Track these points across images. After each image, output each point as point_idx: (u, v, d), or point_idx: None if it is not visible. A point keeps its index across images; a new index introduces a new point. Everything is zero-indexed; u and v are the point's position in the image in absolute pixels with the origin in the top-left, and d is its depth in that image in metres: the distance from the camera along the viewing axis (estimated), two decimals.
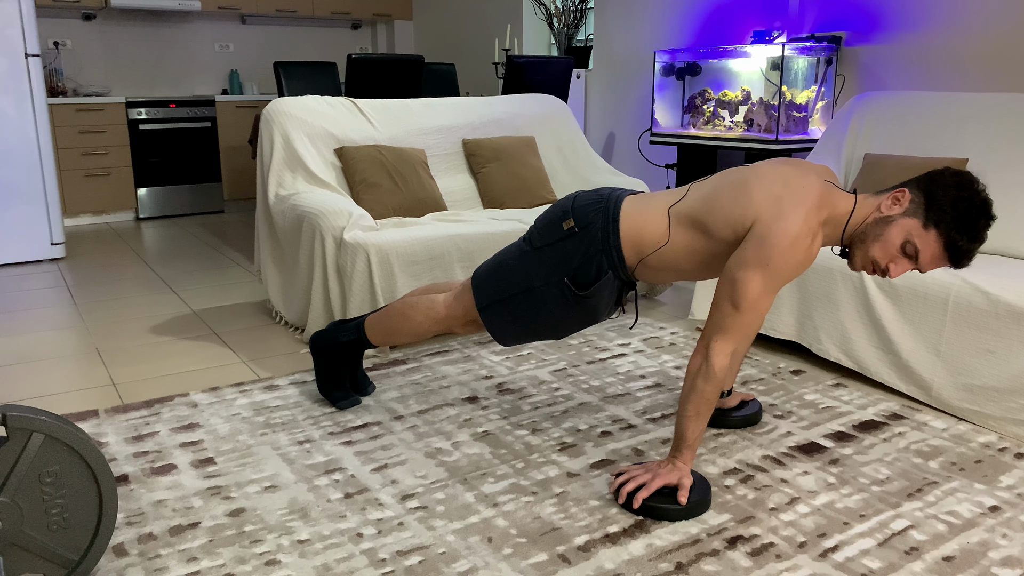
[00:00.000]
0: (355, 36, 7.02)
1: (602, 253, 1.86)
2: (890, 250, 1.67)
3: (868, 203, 1.73)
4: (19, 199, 4.23)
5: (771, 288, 1.67)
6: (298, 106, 3.23)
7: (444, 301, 2.11)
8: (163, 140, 5.69)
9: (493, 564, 1.55)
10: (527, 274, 1.93)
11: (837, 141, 3.20)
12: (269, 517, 1.71)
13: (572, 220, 1.89)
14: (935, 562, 1.55)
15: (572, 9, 5.30)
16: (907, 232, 1.65)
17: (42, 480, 1.37)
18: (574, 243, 1.88)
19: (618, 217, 1.86)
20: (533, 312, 1.95)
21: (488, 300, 1.99)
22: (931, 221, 1.63)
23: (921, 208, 1.64)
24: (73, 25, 5.77)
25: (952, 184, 1.63)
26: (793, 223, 1.65)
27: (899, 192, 1.68)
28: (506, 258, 1.99)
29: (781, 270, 1.66)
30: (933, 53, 3.35)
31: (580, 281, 1.88)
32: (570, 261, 1.88)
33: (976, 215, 1.61)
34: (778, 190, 1.70)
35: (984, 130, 2.75)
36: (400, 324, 2.16)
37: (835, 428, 2.16)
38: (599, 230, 1.86)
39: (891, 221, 1.67)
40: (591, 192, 1.95)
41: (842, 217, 1.73)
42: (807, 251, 1.67)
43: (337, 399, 2.29)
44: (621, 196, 1.91)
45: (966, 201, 1.61)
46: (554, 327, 1.97)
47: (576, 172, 3.74)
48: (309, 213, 2.80)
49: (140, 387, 2.50)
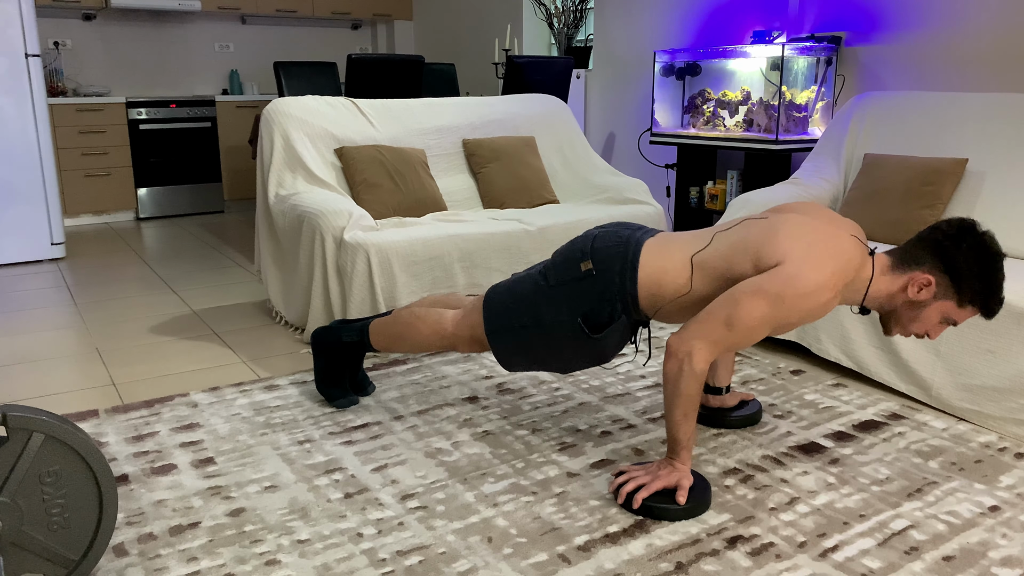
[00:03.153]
0: (355, 36, 7.02)
1: (618, 298, 1.84)
2: (929, 326, 1.76)
3: (889, 277, 1.75)
4: (19, 199, 4.24)
5: (771, 323, 1.65)
6: (298, 106, 3.23)
7: (452, 318, 2.08)
8: (163, 140, 5.69)
9: (493, 564, 1.55)
10: (540, 308, 1.91)
11: (837, 141, 3.20)
12: (269, 517, 1.72)
13: (590, 262, 1.86)
14: (935, 562, 1.55)
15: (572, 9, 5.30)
16: (943, 313, 1.73)
17: (42, 480, 1.37)
18: (590, 285, 1.86)
19: (637, 264, 1.83)
20: (542, 346, 1.93)
21: (497, 326, 1.97)
22: (965, 300, 1.70)
23: (951, 290, 1.70)
24: (73, 25, 5.77)
25: (972, 257, 1.67)
26: (821, 274, 1.64)
27: (923, 279, 1.71)
28: (521, 288, 1.96)
29: (790, 312, 1.64)
30: (933, 53, 3.35)
31: (593, 322, 1.87)
32: (584, 303, 1.86)
33: (1001, 279, 1.68)
34: (812, 239, 1.69)
35: (984, 130, 2.75)
36: (405, 333, 2.14)
37: (835, 428, 2.16)
38: (616, 275, 1.84)
39: (924, 305, 1.74)
40: (611, 232, 1.91)
41: (863, 283, 1.75)
42: (822, 305, 1.66)
43: (334, 397, 2.29)
44: (641, 240, 1.87)
45: (991, 274, 1.67)
46: (562, 362, 1.96)
47: (576, 172, 3.74)
48: (309, 213, 2.80)
49: (140, 387, 2.50)
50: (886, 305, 1.78)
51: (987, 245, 1.67)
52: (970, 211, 2.68)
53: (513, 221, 3.06)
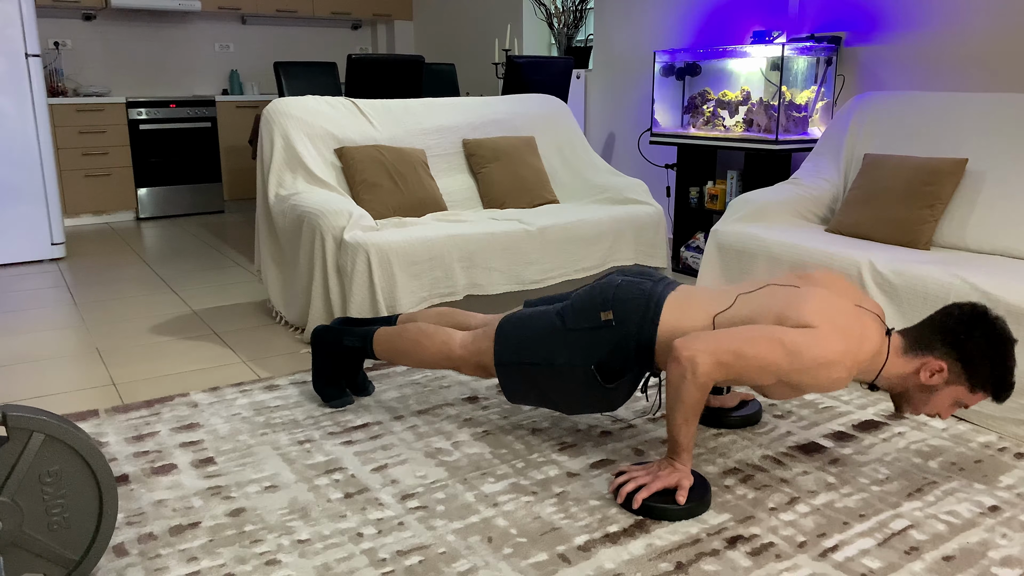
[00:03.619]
0: (355, 36, 7.02)
1: (634, 351, 1.84)
2: (939, 408, 1.78)
3: (903, 360, 1.76)
4: (19, 199, 4.24)
5: (777, 375, 1.65)
6: (298, 106, 3.23)
7: (461, 341, 2.06)
8: (163, 140, 5.69)
9: (493, 564, 1.55)
10: (553, 349, 1.90)
11: (837, 141, 3.20)
12: (269, 517, 1.72)
13: (611, 313, 1.86)
14: (935, 562, 1.55)
15: (572, 9, 5.30)
16: (955, 397, 1.75)
17: (42, 480, 1.37)
18: (608, 334, 1.86)
19: (658, 319, 1.83)
20: (551, 386, 1.93)
21: (507, 358, 1.96)
22: (977, 387, 1.72)
23: (963, 376, 1.72)
24: (73, 25, 5.77)
25: (984, 345, 1.69)
26: (843, 351, 1.64)
27: (936, 365, 1.72)
28: (536, 325, 1.95)
29: (801, 373, 1.64)
30: (933, 53, 3.35)
31: (606, 371, 1.87)
32: (599, 350, 1.86)
33: (1012, 366, 1.70)
34: (842, 320, 1.68)
35: (984, 130, 2.75)
36: (411, 349, 2.12)
37: (835, 428, 2.16)
38: (635, 327, 1.83)
39: (936, 390, 1.75)
40: (634, 283, 1.90)
41: (878, 364, 1.76)
42: (834, 380, 1.67)
43: (330, 397, 2.29)
44: (663, 295, 1.86)
45: (1002, 362, 1.69)
46: (568, 405, 1.96)
47: (576, 172, 3.74)
48: (309, 213, 2.80)
49: (140, 387, 2.50)
50: (898, 386, 1.79)
51: (999, 333, 1.69)
52: (970, 211, 2.68)
53: (513, 221, 3.06)
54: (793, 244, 2.72)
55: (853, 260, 2.51)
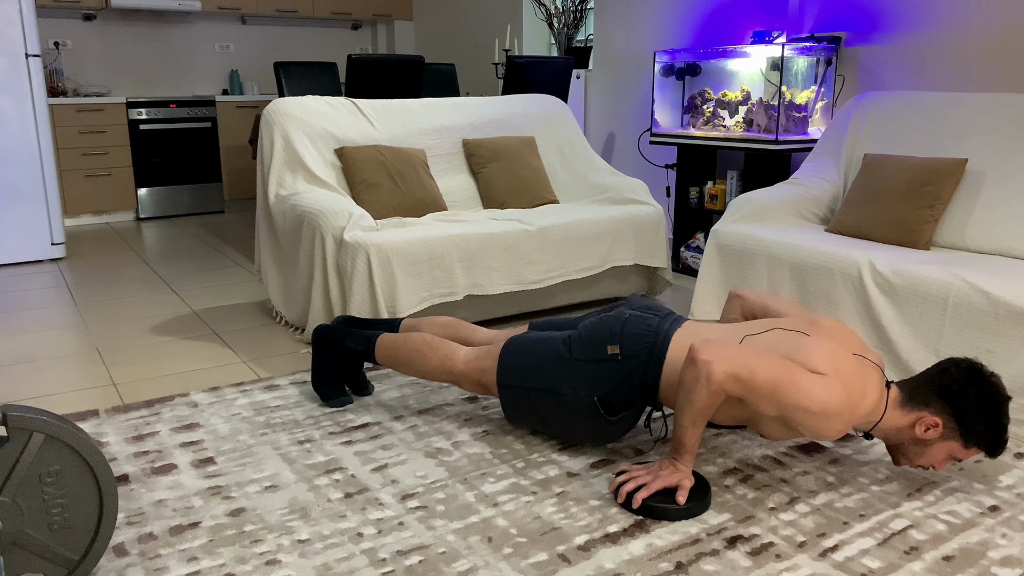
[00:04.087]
0: (355, 36, 7.02)
1: (639, 388, 1.86)
2: (934, 462, 1.79)
3: (899, 413, 1.77)
4: (19, 199, 4.24)
5: (779, 407, 1.65)
6: (298, 106, 3.23)
7: (464, 358, 2.07)
8: (163, 140, 5.69)
9: (493, 564, 1.55)
10: (558, 378, 1.92)
11: (837, 141, 3.20)
12: (269, 517, 1.72)
13: (617, 347, 1.87)
14: (935, 562, 1.55)
15: (572, 9, 5.30)
16: (949, 452, 1.77)
17: (42, 480, 1.37)
18: (613, 369, 1.87)
19: (664, 357, 1.84)
20: (552, 413, 1.95)
21: (511, 381, 1.98)
22: (972, 443, 1.73)
23: (957, 432, 1.73)
24: (73, 25, 5.77)
25: (979, 404, 1.70)
26: (845, 408, 1.65)
27: (931, 421, 1.73)
28: (542, 351, 1.96)
29: (801, 414, 1.64)
30: (933, 53, 3.35)
31: (609, 405, 1.88)
32: (605, 383, 1.87)
33: (1006, 423, 1.71)
34: (848, 377, 1.69)
35: (984, 130, 2.75)
36: (413, 360, 2.12)
37: None
38: (642, 364, 1.85)
39: (931, 444, 1.76)
40: (641, 319, 1.90)
41: (876, 417, 1.77)
42: (830, 429, 1.67)
43: (328, 396, 2.29)
44: (670, 332, 1.87)
45: (997, 419, 1.70)
46: (568, 432, 1.98)
47: (576, 172, 3.74)
48: (309, 213, 2.80)
49: (140, 387, 2.51)
50: (893, 438, 1.81)
51: (994, 393, 1.71)
52: (970, 211, 2.68)
53: (513, 221, 3.06)
54: (793, 244, 2.72)
55: (853, 260, 2.51)
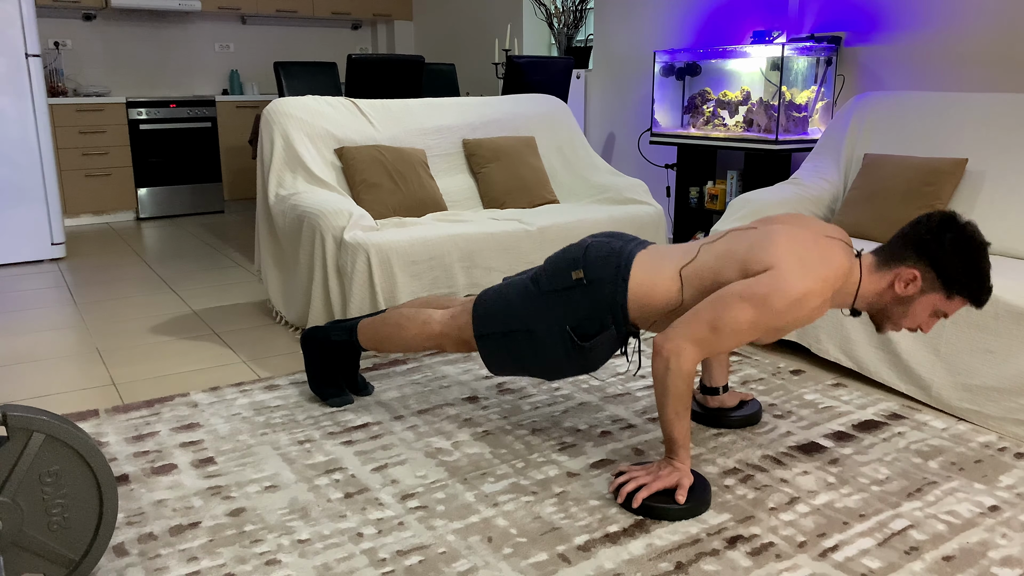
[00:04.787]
0: (355, 36, 7.02)
1: (608, 310, 1.85)
2: (919, 320, 1.77)
3: (876, 276, 1.76)
4: (19, 199, 4.24)
5: (759, 328, 1.66)
6: (298, 106, 3.23)
7: (440, 319, 2.09)
8: (163, 140, 5.69)
9: (493, 564, 1.55)
10: (530, 315, 1.92)
11: (837, 141, 3.20)
12: (269, 517, 1.72)
13: (582, 271, 1.87)
14: (935, 562, 1.55)
15: (572, 9, 5.30)
16: (932, 305, 1.74)
17: (42, 480, 1.37)
18: (581, 295, 1.87)
19: (628, 275, 1.84)
20: (530, 353, 1.94)
21: (486, 330, 1.98)
22: (954, 292, 1.71)
23: (937, 283, 1.71)
24: (73, 25, 5.77)
25: (955, 248, 1.68)
26: (811, 282, 1.65)
27: (909, 274, 1.71)
28: (511, 293, 1.97)
29: (778, 318, 1.65)
30: (933, 53, 3.35)
31: (582, 332, 1.88)
32: (575, 312, 1.87)
33: (986, 267, 1.68)
34: (802, 251, 1.69)
35: (984, 130, 2.75)
36: (393, 334, 2.15)
37: (835, 428, 2.16)
38: (607, 286, 1.85)
39: (913, 300, 1.74)
40: (604, 242, 1.92)
41: (853, 286, 1.76)
42: (811, 311, 1.67)
43: (328, 396, 2.29)
44: (633, 252, 1.88)
45: (975, 262, 1.68)
46: (548, 370, 1.97)
47: (576, 172, 3.74)
48: (309, 213, 2.80)
49: (140, 387, 2.51)
50: (875, 304, 1.79)
51: (969, 235, 1.68)
52: (970, 211, 2.68)
53: (513, 221, 3.06)
54: None
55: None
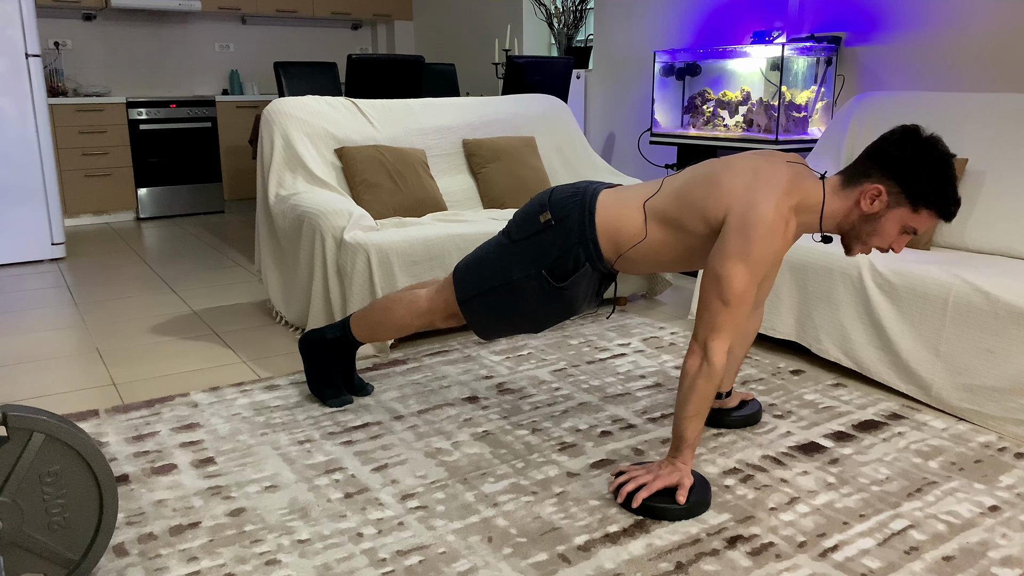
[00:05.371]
0: (355, 36, 7.02)
1: (579, 245, 1.88)
2: (888, 238, 1.74)
3: (841, 196, 1.75)
4: (19, 199, 4.24)
5: (755, 278, 1.69)
6: (298, 106, 3.23)
7: (426, 295, 2.14)
8: (163, 140, 5.69)
9: (493, 564, 1.55)
10: (506, 267, 1.95)
11: (837, 141, 3.20)
12: (269, 517, 1.72)
13: (549, 213, 1.91)
14: (935, 562, 1.55)
15: (572, 9, 5.30)
16: (900, 221, 1.71)
17: (42, 480, 1.37)
18: (551, 235, 1.90)
19: (594, 209, 1.88)
20: (512, 305, 1.97)
21: (468, 294, 2.01)
22: (920, 204, 1.68)
23: (903, 196, 1.69)
24: (73, 25, 5.77)
25: (919, 159, 1.66)
26: (766, 211, 1.67)
27: (873, 189, 1.70)
28: (485, 252, 2.01)
29: (762, 259, 1.67)
30: (933, 53, 3.35)
31: (558, 273, 1.90)
32: (548, 254, 1.90)
33: (952, 177, 1.66)
34: (748, 179, 1.73)
35: (984, 130, 2.75)
36: (382, 318, 2.18)
37: (835, 428, 2.16)
38: (575, 222, 1.88)
39: (879, 217, 1.72)
40: (568, 185, 1.97)
41: (815, 206, 1.75)
42: (783, 236, 1.69)
43: (327, 397, 2.29)
44: (598, 189, 1.93)
45: (940, 172, 1.66)
46: (533, 320, 1.99)
47: (576, 172, 3.74)
48: (309, 213, 2.80)
49: (140, 387, 2.51)
50: (844, 225, 1.78)
51: (932, 146, 1.67)
52: (970, 211, 2.68)
53: None
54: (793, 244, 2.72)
55: (853, 260, 2.51)
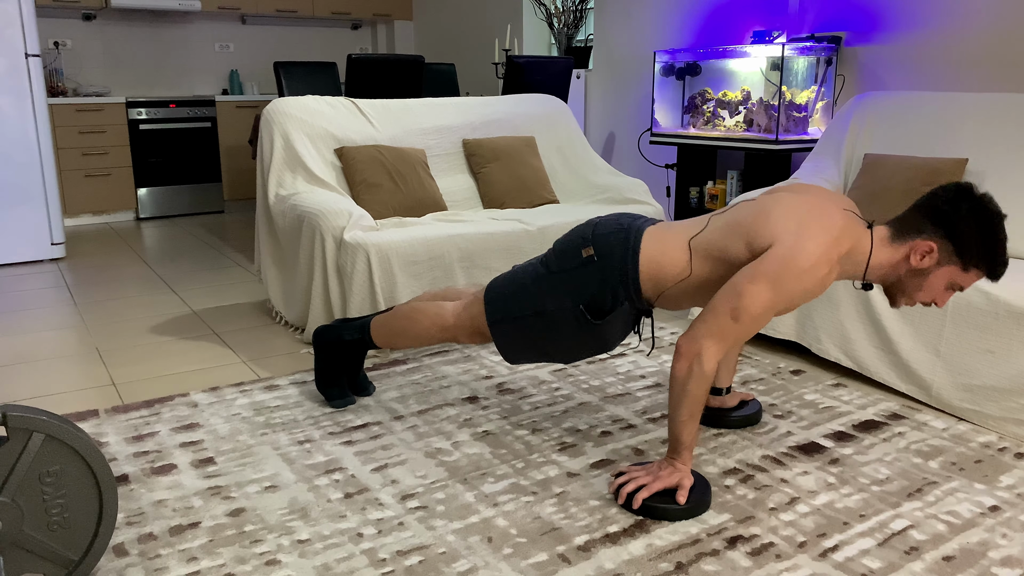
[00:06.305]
0: (355, 36, 7.02)
1: (620, 284, 1.85)
2: (934, 294, 1.75)
3: (890, 248, 1.74)
4: (19, 199, 4.23)
5: (776, 307, 1.66)
6: (298, 106, 3.23)
7: (453, 310, 2.08)
8: (163, 140, 5.69)
9: (493, 564, 1.55)
10: (542, 297, 1.91)
11: (837, 141, 3.20)
12: (269, 517, 1.72)
13: (591, 248, 1.87)
14: (935, 562, 1.55)
15: (572, 9, 5.30)
16: (949, 278, 1.72)
17: (42, 480, 1.37)
18: (592, 271, 1.87)
19: (639, 249, 1.84)
20: (544, 335, 1.93)
21: (499, 316, 1.97)
22: (970, 264, 1.69)
23: (954, 255, 1.69)
24: (73, 25, 5.77)
25: (972, 219, 1.66)
26: (814, 249, 1.64)
27: (925, 246, 1.69)
28: (522, 277, 1.96)
29: (791, 292, 1.64)
30: (933, 53, 3.35)
31: (595, 309, 1.87)
32: (586, 289, 1.87)
33: (1003, 238, 1.67)
34: (801, 215, 1.69)
35: (984, 130, 2.75)
36: (406, 327, 2.14)
37: (835, 428, 2.16)
38: (618, 260, 1.84)
39: (928, 273, 1.72)
40: (612, 219, 1.92)
41: (862, 255, 1.74)
42: (821, 280, 1.66)
43: (332, 397, 2.29)
44: (642, 227, 1.88)
45: (992, 234, 1.66)
46: (564, 352, 1.96)
47: (576, 172, 3.74)
48: (309, 213, 2.80)
49: (140, 387, 2.50)
50: (890, 276, 1.77)
51: (986, 207, 1.66)
52: None
53: (513, 221, 3.06)
54: None
55: None
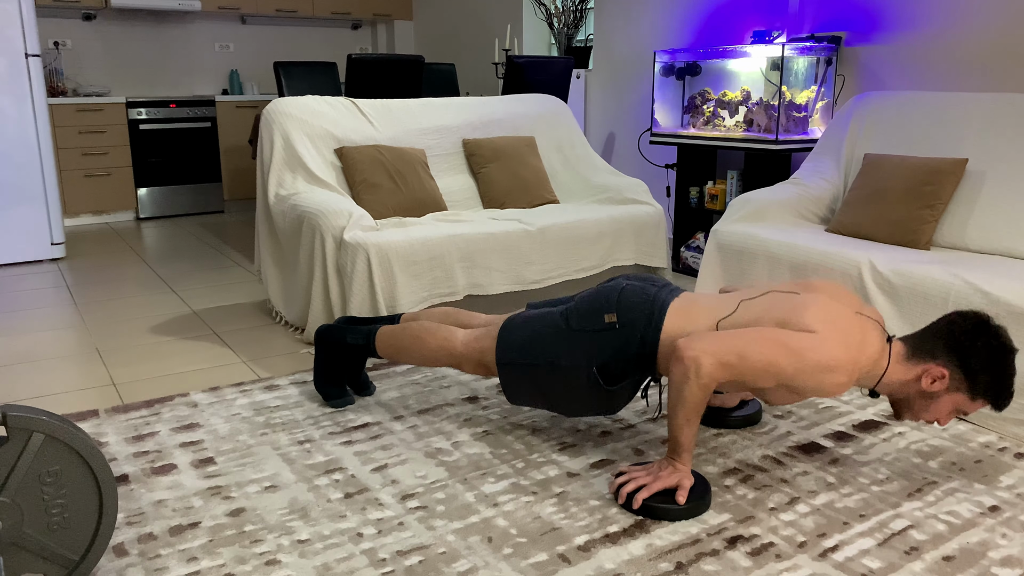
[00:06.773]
0: (355, 36, 7.02)
1: (637, 356, 1.85)
2: (939, 415, 1.78)
3: (904, 366, 1.76)
4: (19, 199, 4.23)
5: (779, 377, 1.66)
6: (298, 106, 3.23)
7: (463, 338, 2.07)
8: (163, 140, 5.69)
9: (493, 564, 1.55)
10: (556, 350, 1.91)
11: (837, 141, 3.20)
12: (269, 517, 1.72)
13: (615, 316, 1.87)
14: (935, 562, 1.55)
15: (572, 9, 5.30)
16: (956, 405, 1.76)
17: (42, 480, 1.37)
18: (611, 338, 1.86)
19: (662, 324, 1.83)
20: (553, 387, 1.94)
21: (510, 358, 1.97)
22: (978, 395, 1.73)
23: (964, 384, 1.73)
24: (73, 25, 5.77)
25: (987, 354, 1.70)
26: (845, 357, 1.66)
27: (937, 372, 1.72)
28: (540, 326, 1.96)
29: (803, 377, 1.65)
30: (933, 53, 3.35)
31: (608, 373, 1.87)
32: (603, 353, 1.87)
33: (1013, 373, 1.71)
34: (843, 325, 1.70)
35: (984, 130, 2.75)
36: (413, 346, 2.13)
37: (835, 428, 2.16)
38: (639, 332, 1.84)
39: (937, 396, 1.76)
40: (638, 287, 1.91)
41: (880, 370, 1.76)
42: (835, 385, 1.67)
43: (331, 396, 2.29)
44: (667, 300, 1.87)
45: (1003, 369, 1.70)
46: (569, 406, 1.96)
47: (576, 172, 3.74)
48: (309, 213, 2.80)
49: (140, 387, 2.50)
50: (898, 392, 1.80)
51: (1002, 343, 1.71)
52: (970, 211, 2.68)
53: (513, 221, 3.06)
54: (793, 244, 2.72)
55: (853, 260, 2.51)
